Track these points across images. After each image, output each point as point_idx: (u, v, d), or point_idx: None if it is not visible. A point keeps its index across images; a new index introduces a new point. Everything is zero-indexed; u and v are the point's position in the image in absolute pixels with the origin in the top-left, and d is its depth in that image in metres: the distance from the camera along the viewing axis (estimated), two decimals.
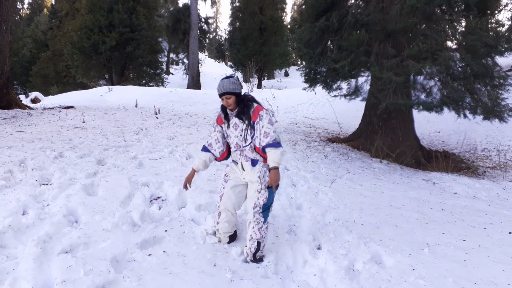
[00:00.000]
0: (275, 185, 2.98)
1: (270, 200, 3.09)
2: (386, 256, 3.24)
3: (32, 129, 7.11)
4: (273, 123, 2.99)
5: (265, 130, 2.94)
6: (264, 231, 3.09)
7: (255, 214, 3.05)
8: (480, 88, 6.83)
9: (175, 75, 37.57)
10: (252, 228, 3.07)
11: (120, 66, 24.57)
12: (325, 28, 7.59)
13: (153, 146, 6.54)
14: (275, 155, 2.92)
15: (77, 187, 4.04)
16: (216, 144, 3.26)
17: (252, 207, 3.06)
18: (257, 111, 3.00)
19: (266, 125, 2.95)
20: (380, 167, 6.94)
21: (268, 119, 2.97)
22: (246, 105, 3.04)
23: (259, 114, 2.98)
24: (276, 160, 2.92)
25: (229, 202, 3.19)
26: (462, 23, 7.25)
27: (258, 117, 2.97)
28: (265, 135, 2.94)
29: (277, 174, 2.95)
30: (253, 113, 3.00)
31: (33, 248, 2.75)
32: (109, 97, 15.23)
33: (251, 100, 3.08)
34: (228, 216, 3.22)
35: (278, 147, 2.93)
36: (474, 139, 9.38)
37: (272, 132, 2.93)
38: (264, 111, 3.00)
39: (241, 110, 3.04)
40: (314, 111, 13.29)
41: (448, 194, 5.60)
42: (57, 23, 33.33)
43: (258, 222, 3.06)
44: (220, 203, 3.25)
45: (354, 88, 8.59)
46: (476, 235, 3.96)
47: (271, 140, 2.92)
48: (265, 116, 2.97)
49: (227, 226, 3.25)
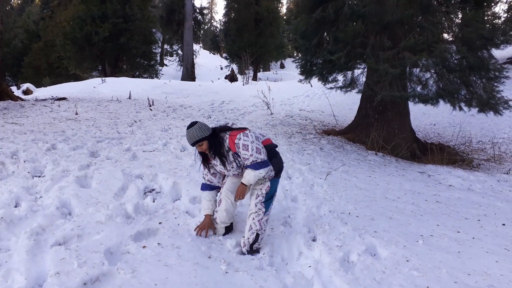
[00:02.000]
0: (239, 198, 3.10)
1: (272, 189, 3.14)
2: (380, 247, 3.25)
3: (24, 121, 7.02)
4: (248, 145, 2.95)
5: (243, 156, 2.98)
6: (264, 223, 3.10)
7: (257, 204, 3.08)
8: (475, 81, 6.83)
9: (169, 67, 37.30)
10: (252, 219, 3.08)
11: (114, 57, 24.31)
12: (321, 19, 7.52)
13: (147, 138, 6.48)
14: (249, 175, 3.00)
15: (70, 179, 4.00)
16: (216, 177, 3.27)
17: (255, 197, 3.11)
18: (232, 140, 2.98)
19: (242, 152, 2.96)
20: (376, 160, 6.94)
21: (242, 145, 2.95)
22: (218, 144, 3.01)
23: (235, 143, 2.97)
24: (247, 179, 3.02)
25: (230, 192, 3.21)
26: (458, 15, 7.23)
27: (235, 146, 2.97)
28: (244, 159, 2.99)
29: (242, 191, 3.08)
30: (230, 145, 3.00)
31: (26, 240, 2.72)
32: (102, 88, 15.07)
33: (223, 132, 3.06)
34: (227, 204, 3.22)
35: (255, 169, 2.96)
36: (469, 131, 9.42)
37: (248, 156, 2.94)
38: (238, 136, 2.97)
39: (215, 151, 3.03)
40: (310, 104, 13.26)
41: (443, 186, 5.62)
42: (49, 13, 32.83)
43: (259, 213, 3.08)
44: (222, 190, 3.27)
45: (350, 80, 8.57)
46: (470, 226, 3.98)
47: (249, 163, 2.97)
48: (240, 143, 2.95)
49: (225, 216, 3.24)
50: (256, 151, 2.95)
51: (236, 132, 3.02)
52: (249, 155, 2.94)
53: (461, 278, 2.78)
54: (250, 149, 2.94)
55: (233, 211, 3.32)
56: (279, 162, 3.23)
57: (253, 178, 3.00)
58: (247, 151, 2.94)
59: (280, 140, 7.47)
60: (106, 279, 2.46)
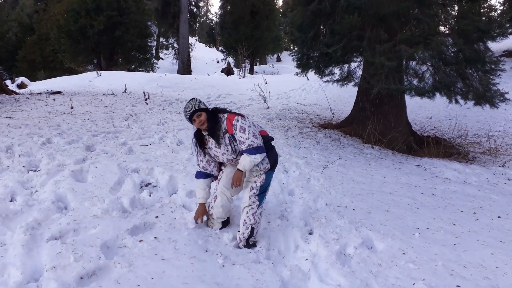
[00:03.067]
0: (235, 185, 3.04)
1: (267, 182, 3.11)
2: (377, 240, 3.26)
3: (19, 115, 6.96)
4: (245, 128, 2.94)
5: (239, 138, 2.94)
6: (258, 216, 3.09)
7: (251, 197, 3.06)
8: (471, 73, 6.83)
9: (165, 60, 37.03)
10: (246, 213, 3.07)
11: (109, 50, 24.08)
12: (318, 12, 7.47)
13: (143, 132, 6.45)
14: (245, 161, 2.95)
15: (65, 173, 3.98)
16: (211, 165, 3.24)
17: (249, 190, 3.08)
18: (229, 122, 2.96)
19: (238, 133, 2.93)
20: (372, 153, 6.96)
21: (239, 127, 2.93)
22: (216, 121, 2.99)
23: (232, 125, 2.94)
24: (243, 164, 2.97)
25: (226, 187, 3.20)
26: (454, 8, 7.22)
27: (233, 127, 2.94)
28: (240, 143, 2.95)
29: (239, 177, 3.03)
30: (227, 125, 2.97)
31: (21, 235, 2.71)
32: (98, 82, 14.96)
33: (220, 112, 3.05)
34: (223, 200, 3.22)
35: (252, 154, 2.92)
36: (465, 124, 9.44)
37: (244, 140, 2.92)
38: (236, 118, 2.96)
39: (211, 128, 2.99)
40: (307, 97, 13.23)
41: (439, 180, 5.65)
42: (43, 6, 32.47)
43: (253, 207, 3.06)
44: (217, 186, 3.25)
45: (346, 73, 8.55)
46: (466, 219, 4.00)
47: (245, 147, 2.93)
48: (237, 125, 2.93)
49: (221, 211, 3.24)
50: (252, 135, 2.94)
51: (233, 115, 3.00)
52: (245, 138, 2.92)
53: (456, 271, 2.80)
54: (247, 132, 2.93)
55: (229, 206, 3.31)
56: (274, 155, 3.20)
57: (249, 163, 2.95)
58: (243, 134, 2.92)
59: (276, 134, 7.46)
60: (102, 273, 2.46)
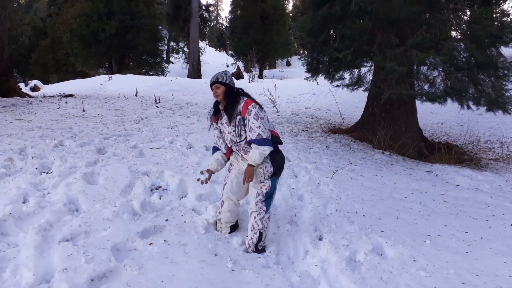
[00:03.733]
0: (247, 181, 2.95)
1: (272, 188, 3.08)
2: (387, 247, 3.23)
3: (32, 117, 7.07)
4: (259, 117, 2.88)
5: (250, 125, 2.88)
6: (266, 221, 3.08)
7: (257, 203, 3.04)
8: (484, 79, 6.75)
9: (175, 64, 37.33)
10: (254, 218, 3.06)
11: (120, 54, 24.39)
12: (328, 16, 7.47)
13: (153, 136, 6.50)
14: (254, 154, 2.87)
15: (77, 176, 4.02)
16: (219, 141, 3.24)
17: (255, 196, 3.05)
18: (246, 105, 2.91)
19: (252, 119, 2.87)
20: (382, 158, 6.91)
21: (254, 113, 2.87)
22: (233, 99, 2.96)
23: (248, 108, 2.90)
24: (253, 158, 2.88)
25: (231, 191, 3.19)
26: (466, 13, 7.14)
27: (247, 112, 2.90)
28: (250, 130, 2.88)
29: (250, 172, 2.93)
30: (243, 108, 2.92)
31: (34, 236, 2.74)
32: (109, 85, 15.15)
33: (241, 94, 3.01)
34: (230, 205, 3.21)
35: (260, 145, 2.85)
36: (477, 130, 9.33)
37: (255, 128, 2.85)
38: (253, 105, 2.91)
39: (228, 103, 2.97)
40: (316, 102, 13.21)
41: (450, 186, 5.58)
42: (56, 10, 32.98)
43: (260, 212, 3.05)
44: (223, 192, 3.25)
45: (356, 78, 8.52)
46: (478, 227, 3.94)
47: (255, 136, 2.86)
48: (251, 110, 2.88)
49: (229, 216, 3.24)
50: (264, 126, 2.88)
51: (252, 101, 2.95)
52: (256, 126, 2.85)
53: (469, 279, 2.75)
54: (260, 121, 2.87)
55: (237, 210, 3.30)
56: (280, 159, 3.11)
57: (259, 156, 2.86)
58: (256, 121, 2.86)
59: (286, 138, 7.45)
60: (113, 276, 2.48)
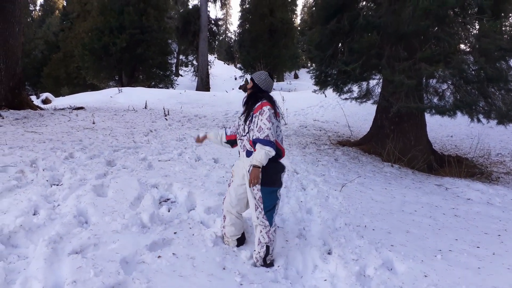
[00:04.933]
0: (253, 183, 2.86)
1: (270, 201, 2.99)
2: (397, 262, 3.19)
3: (43, 130, 7.17)
4: (272, 121, 2.88)
5: (261, 124, 2.87)
6: (272, 234, 3.04)
7: (258, 216, 3.01)
8: (494, 92, 6.72)
9: (184, 77, 37.72)
10: (259, 232, 3.04)
11: (130, 67, 24.74)
12: (336, 30, 7.53)
13: (162, 148, 6.54)
14: (259, 154, 2.82)
15: (87, 188, 4.05)
16: (233, 125, 3.34)
17: (254, 209, 3.02)
18: (262, 106, 2.94)
19: (264, 120, 2.86)
20: (392, 172, 6.86)
21: (268, 115, 2.87)
22: (255, 98, 3.05)
23: (261, 108, 2.92)
24: (258, 158, 2.83)
25: (231, 205, 3.17)
26: (475, 26, 7.15)
27: (259, 111, 2.92)
28: (259, 129, 2.87)
29: (255, 173, 2.84)
30: (257, 107, 2.96)
31: (44, 248, 2.75)
32: (119, 98, 15.34)
33: (264, 97, 3.03)
34: (232, 219, 3.20)
35: (266, 146, 2.82)
36: (487, 143, 9.24)
37: (266, 129, 2.83)
38: (269, 107, 2.92)
39: (249, 98, 3.10)
40: (324, 114, 13.22)
41: (461, 200, 5.51)
42: (69, 25, 33.71)
43: (265, 226, 3.02)
44: (223, 206, 3.25)
45: (365, 91, 8.53)
46: (490, 242, 3.88)
47: (262, 136, 2.83)
48: (266, 112, 2.89)
49: (234, 230, 3.23)
50: (272, 131, 2.86)
51: (269, 104, 2.96)
52: (267, 127, 2.84)
53: None
54: (270, 125, 2.85)
55: (240, 222, 3.27)
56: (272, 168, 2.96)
57: (264, 156, 2.81)
58: (268, 123, 2.85)
59: (294, 151, 7.45)
60: None
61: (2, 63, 9.24)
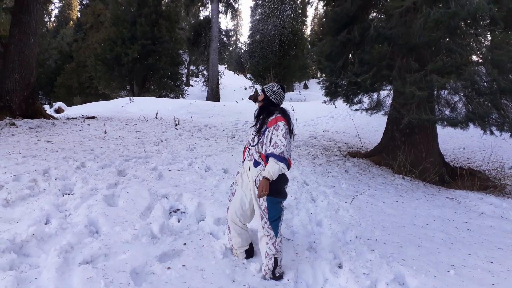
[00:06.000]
0: (261, 194, 2.86)
1: (275, 212, 2.99)
2: (409, 277, 3.13)
3: (56, 139, 7.26)
4: (287, 138, 2.89)
5: (276, 140, 2.88)
6: (279, 245, 3.02)
7: (264, 226, 3.00)
8: (507, 104, 6.63)
9: (194, 87, 38.08)
10: (266, 244, 3.02)
11: (142, 77, 25.07)
12: (347, 41, 7.55)
13: (172, 158, 6.57)
14: (273, 168, 2.83)
15: (98, 198, 4.08)
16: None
17: (260, 219, 3.01)
18: (276, 120, 2.95)
19: (280, 136, 2.87)
20: (403, 184, 6.78)
21: (283, 132, 2.88)
22: (267, 111, 3.04)
23: (276, 123, 2.92)
24: (271, 172, 2.84)
25: (235, 214, 3.16)
26: (487, 38, 7.09)
27: (274, 126, 2.92)
28: (274, 145, 2.88)
29: (265, 184, 2.85)
30: (271, 121, 2.96)
31: (55, 258, 2.77)
32: (130, 108, 15.51)
33: (277, 111, 3.04)
34: (237, 229, 3.18)
35: (280, 162, 2.83)
36: (500, 156, 9.10)
37: (282, 146, 2.84)
38: (284, 123, 2.93)
39: (261, 111, 3.09)
40: (334, 125, 13.18)
41: (474, 214, 5.42)
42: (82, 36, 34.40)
43: (271, 237, 3.00)
44: (227, 216, 3.23)
45: (376, 102, 8.49)
46: (504, 257, 3.80)
47: (278, 153, 2.84)
48: (282, 128, 2.90)
49: (240, 241, 3.21)
50: (287, 149, 2.87)
51: (283, 119, 2.96)
52: (283, 144, 2.85)
53: None
54: (286, 142, 2.87)
55: (246, 233, 3.25)
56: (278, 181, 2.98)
57: (278, 171, 2.83)
58: (284, 139, 2.86)
59: (304, 161, 7.42)
60: None
61: (17, 73, 9.42)
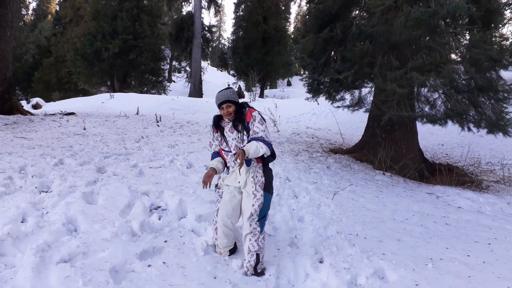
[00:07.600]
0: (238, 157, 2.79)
1: (267, 208, 3.09)
2: (389, 270, 3.18)
3: (33, 136, 7.08)
4: (263, 123, 3.08)
5: (255, 128, 3.02)
6: (261, 242, 3.05)
7: (251, 224, 3.00)
8: (484, 102, 6.80)
9: (177, 83, 37.71)
10: (249, 241, 3.02)
11: (122, 73, 24.67)
12: (329, 39, 7.60)
13: (153, 155, 6.50)
14: (251, 144, 2.90)
15: (76, 195, 3.99)
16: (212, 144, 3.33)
17: (248, 216, 3.01)
18: (250, 112, 3.10)
19: (257, 124, 3.04)
20: (383, 180, 6.88)
21: (259, 119, 3.06)
22: (241, 114, 3.13)
23: (252, 115, 3.07)
24: (248, 146, 2.88)
25: (227, 216, 3.12)
26: (466, 36, 7.25)
27: (251, 118, 3.06)
28: (254, 132, 3.02)
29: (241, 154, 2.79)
30: (247, 115, 3.10)
31: (31, 257, 2.70)
32: (111, 104, 15.25)
33: (245, 107, 3.18)
34: (226, 231, 3.15)
35: (260, 142, 2.94)
36: (478, 152, 9.33)
37: (260, 131, 3.01)
38: (257, 112, 3.12)
39: (236, 119, 3.13)
40: (317, 122, 13.27)
41: (451, 208, 5.54)
42: (61, 30, 33.60)
43: (255, 233, 3.01)
44: (217, 218, 3.18)
45: (357, 99, 8.59)
46: (480, 250, 3.90)
47: (257, 136, 2.99)
48: (257, 117, 3.07)
49: (226, 242, 3.20)
50: (266, 133, 3.05)
51: (254, 110, 3.15)
52: (261, 130, 3.02)
53: None
54: (264, 126, 3.06)
55: (233, 234, 3.25)
56: (271, 173, 3.23)
57: (254, 148, 2.87)
58: (261, 126, 3.03)
59: (286, 158, 7.45)
60: None
61: None
